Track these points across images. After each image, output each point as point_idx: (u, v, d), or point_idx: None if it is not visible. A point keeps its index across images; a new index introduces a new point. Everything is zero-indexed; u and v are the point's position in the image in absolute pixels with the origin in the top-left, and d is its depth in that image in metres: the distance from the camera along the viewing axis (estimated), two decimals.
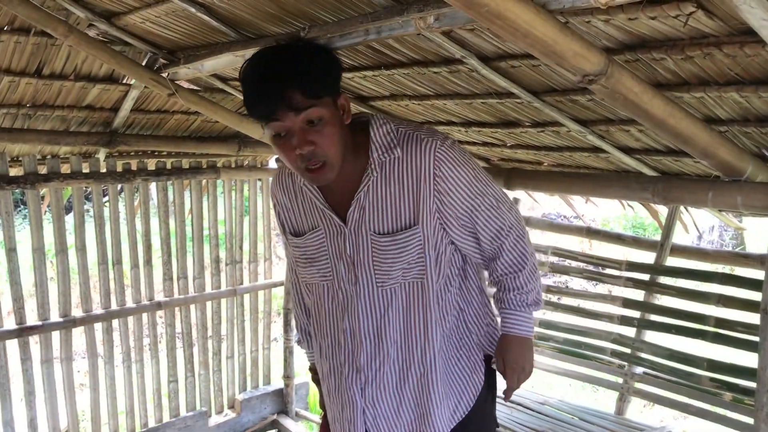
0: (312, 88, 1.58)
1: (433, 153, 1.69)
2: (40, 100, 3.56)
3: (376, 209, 1.75)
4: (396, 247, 1.76)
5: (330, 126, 1.62)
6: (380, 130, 1.74)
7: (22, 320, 3.62)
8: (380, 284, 1.80)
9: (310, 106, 1.58)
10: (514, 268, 1.86)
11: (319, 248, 1.86)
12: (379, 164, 1.73)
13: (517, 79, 2.36)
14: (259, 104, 1.61)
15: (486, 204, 1.78)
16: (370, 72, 2.71)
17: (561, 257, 3.88)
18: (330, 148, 1.63)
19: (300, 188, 1.88)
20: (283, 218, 1.96)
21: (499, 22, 1.45)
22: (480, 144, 3.41)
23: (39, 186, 3.59)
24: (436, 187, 1.70)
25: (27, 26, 3.09)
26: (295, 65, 1.59)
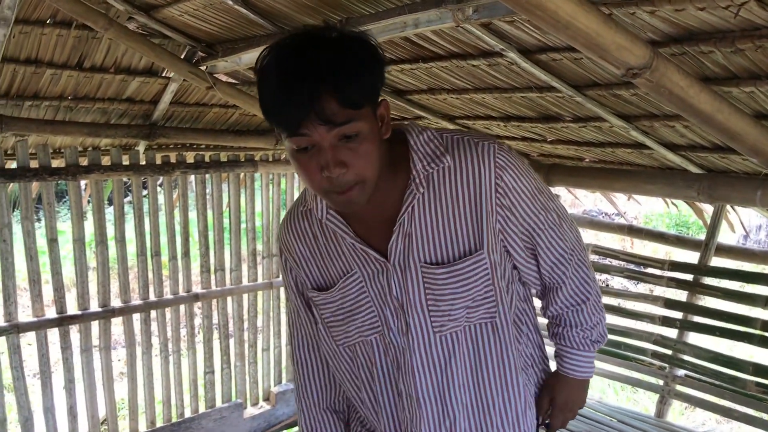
0: (352, 94, 1.19)
1: (493, 159, 1.35)
2: (81, 93, 3.61)
3: (426, 234, 1.39)
4: (456, 279, 1.39)
5: (368, 143, 1.23)
6: (421, 137, 1.38)
7: (62, 310, 3.67)
8: (438, 330, 1.41)
9: (348, 120, 1.19)
10: (577, 299, 1.53)
11: (358, 296, 1.45)
12: (425, 177, 1.37)
13: (558, 73, 2.30)
14: (280, 111, 1.21)
15: (549, 221, 1.45)
16: (407, 65, 2.68)
17: (601, 255, 3.80)
18: (366, 170, 1.25)
19: (320, 227, 1.48)
20: (298, 274, 1.55)
21: (540, 13, 1.40)
22: (519, 139, 3.36)
23: (80, 177, 3.62)
24: (499, 201, 1.36)
25: (68, 19, 3.13)
26: (333, 62, 1.17)
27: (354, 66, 1.19)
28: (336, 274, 1.47)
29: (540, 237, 1.44)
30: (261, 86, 1.24)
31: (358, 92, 1.19)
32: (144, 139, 3.95)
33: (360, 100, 1.20)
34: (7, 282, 3.47)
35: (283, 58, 1.20)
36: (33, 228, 3.54)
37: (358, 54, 1.21)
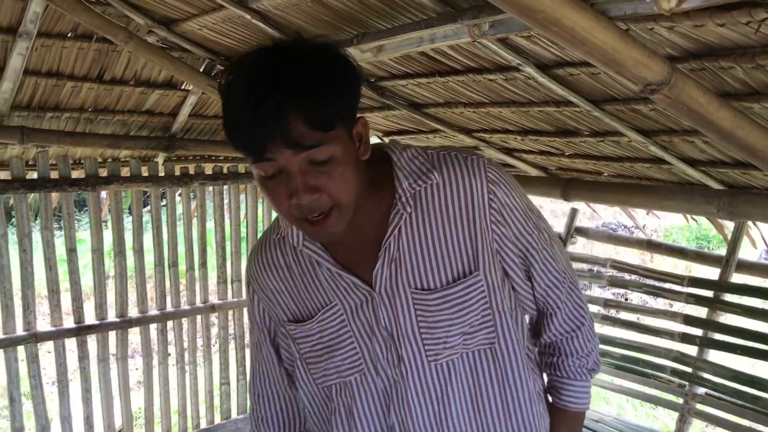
0: (322, 114, 1.07)
1: (485, 173, 1.25)
2: (102, 105, 3.66)
3: (416, 257, 1.26)
4: (451, 305, 1.27)
5: (342, 166, 1.12)
6: (404, 154, 1.28)
7: (80, 319, 3.70)
8: (433, 359, 1.29)
9: (318, 144, 1.07)
10: (572, 326, 1.42)
11: (339, 331, 1.31)
12: (412, 196, 1.26)
13: (576, 88, 2.29)
14: (243, 134, 1.08)
15: (542, 240, 1.35)
16: (424, 79, 2.67)
17: (620, 270, 3.76)
18: (341, 196, 1.13)
19: (295, 257, 1.34)
20: (267, 308, 1.41)
21: (556, 29, 1.39)
22: (537, 152, 3.34)
23: (99, 188, 3.66)
24: (494, 217, 1.26)
25: (89, 33, 3.18)
26: (301, 79, 1.06)
27: (325, 82, 1.08)
28: (314, 307, 1.33)
29: (534, 258, 1.34)
30: (224, 106, 1.11)
31: (329, 112, 1.08)
32: (163, 150, 3.99)
33: (332, 120, 1.08)
34: (27, 291, 3.50)
35: (246, 76, 1.08)
36: (53, 238, 3.57)
37: (331, 69, 1.11)
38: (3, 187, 3.32)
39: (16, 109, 3.41)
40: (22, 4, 2.98)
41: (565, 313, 1.41)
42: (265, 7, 2.43)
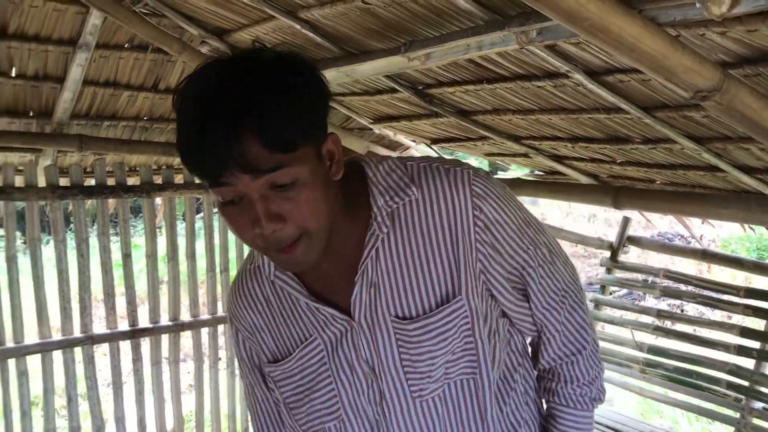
0: (281, 135, 0.95)
1: (469, 187, 1.13)
2: (156, 114, 3.76)
3: (395, 282, 1.15)
4: (433, 334, 1.15)
5: (308, 189, 1.00)
6: (380, 168, 1.17)
7: (134, 323, 3.80)
8: (417, 395, 1.17)
9: (277, 167, 0.95)
10: (572, 349, 1.29)
11: (318, 369, 1.21)
12: (389, 214, 1.14)
13: (626, 94, 2.26)
14: (194, 157, 0.97)
15: (540, 257, 1.22)
16: (471, 86, 2.67)
17: (674, 281, 3.68)
18: (309, 222, 1.02)
19: (272, 288, 1.24)
20: (252, 346, 1.30)
21: (603, 36, 1.38)
22: (588, 160, 3.30)
23: (154, 195, 3.76)
24: (478, 236, 1.14)
25: (145, 44, 3.27)
26: (256, 94, 0.95)
27: (284, 98, 0.96)
28: (293, 343, 1.22)
29: (530, 274, 1.22)
30: (177, 121, 0.99)
31: (289, 131, 0.95)
32: None
33: (292, 140, 0.96)
34: (84, 295, 3.61)
35: (197, 92, 0.96)
36: (109, 243, 3.67)
37: (291, 83, 0.98)
38: (62, 194, 3.44)
39: (75, 117, 3.53)
40: (81, 17, 3.10)
41: (564, 335, 1.28)
42: (315, 17, 2.47)
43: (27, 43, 3.14)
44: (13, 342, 3.42)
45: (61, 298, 3.56)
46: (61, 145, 3.52)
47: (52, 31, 3.16)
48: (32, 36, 3.14)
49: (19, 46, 3.14)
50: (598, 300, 4.08)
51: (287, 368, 1.23)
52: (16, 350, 3.43)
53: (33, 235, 3.46)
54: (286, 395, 1.25)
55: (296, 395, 1.23)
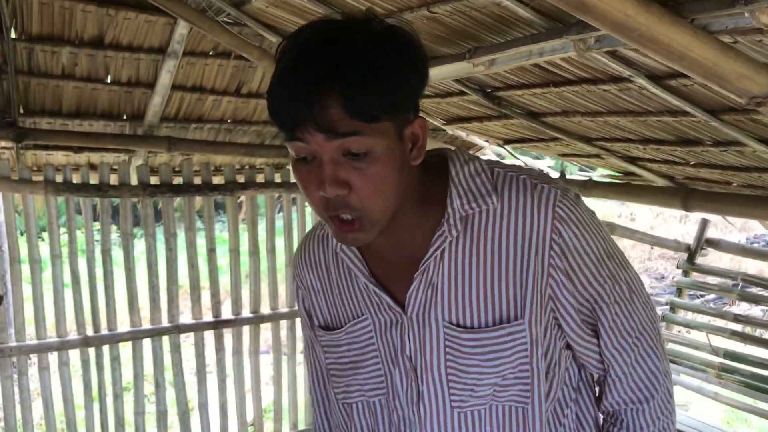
0: (365, 102, 0.93)
1: (552, 207, 1.07)
2: (239, 116, 3.97)
3: (455, 288, 1.10)
4: (485, 351, 1.10)
5: (381, 165, 0.97)
6: (466, 168, 1.11)
7: (218, 314, 4.00)
8: (457, 405, 1.13)
9: (354, 132, 0.94)
10: (639, 396, 1.18)
11: (365, 347, 1.19)
12: (462, 219, 1.09)
13: (690, 98, 2.25)
14: (276, 109, 0.97)
15: (617, 293, 1.13)
16: (539, 89, 2.71)
17: (753, 285, 3.60)
18: (373, 199, 0.99)
19: (334, 259, 1.22)
20: (309, 305, 1.29)
21: (652, 45, 1.42)
22: (661, 161, 3.27)
23: (237, 193, 3.95)
24: (552, 260, 1.07)
25: (228, 51, 3.46)
26: (347, 58, 0.94)
27: (379, 69, 0.94)
28: (345, 316, 1.21)
29: (603, 312, 1.13)
30: (273, 74, 1.00)
31: (373, 100, 0.94)
32: None
33: (375, 110, 0.94)
34: (171, 286, 3.84)
35: (299, 43, 0.97)
36: (195, 238, 3.89)
37: (391, 56, 0.96)
38: (152, 191, 3.67)
39: (164, 120, 3.76)
40: (170, 27, 3.32)
41: (632, 380, 1.17)
42: None
43: (121, 52, 3.39)
44: (107, 329, 3.69)
45: (150, 289, 3.80)
46: (152, 146, 3.76)
47: (143, 40, 3.39)
48: (125, 45, 3.39)
49: (113, 55, 3.39)
50: (674, 303, 4.03)
51: (336, 337, 1.22)
52: (110, 337, 3.69)
53: (126, 229, 3.71)
54: (330, 362, 1.24)
55: (340, 365, 1.22)
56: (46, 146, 3.63)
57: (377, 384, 1.18)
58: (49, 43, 3.24)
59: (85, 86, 3.47)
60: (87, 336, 3.64)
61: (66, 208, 3.62)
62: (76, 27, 3.23)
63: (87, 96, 3.53)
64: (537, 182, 1.09)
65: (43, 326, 3.57)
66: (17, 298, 3.51)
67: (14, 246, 3.49)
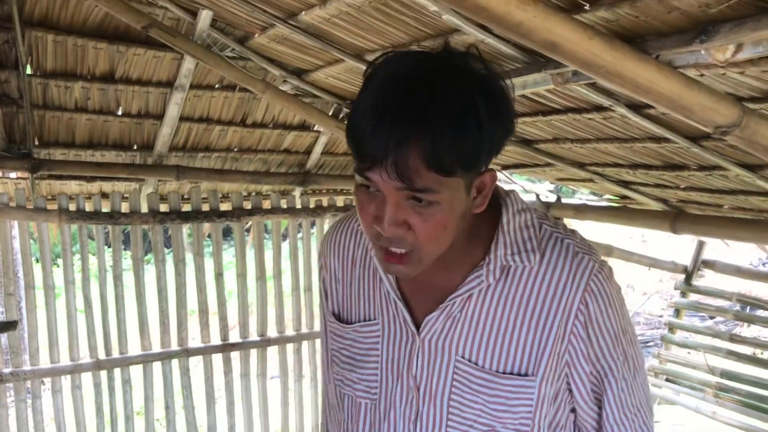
0: (448, 160, 0.91)
1: (588, 279, 1.09)
2: (245, 145, 4.10)
3: (476, 330, 1.11)
4: (493, 393, 1.11)
5: (443, 214, 0.97)
6: (517, 218, 1.11)
7: (225, 337, 4.10)
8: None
9: (428, 189, 0.93)
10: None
11: (368, 350, 1.20)
12: (502, 268, 1.10)
13: (670, 125, 2.36)
14: (356, 141, 0.95)
15: (625, 370, 1.15)
16: (528, 118, 2.82)
17: (747, 305, 3.66)
18: (428, 242, 1.00)
19: (363, 256, 1.23)
20: (329, 288, 1.30)
21: (619, 80, 1.51)
22: (653, 185, 3.36)
23: (244, 219, 4.07)
24: (575, 328, 1.10)
25: (233, 84, 3.60)
26: (442, 110, 0.90)
27: (464, 122, 0.91)
28: (358, 315, 1.22)
29: (611, 386, 1.15)
30: (357, 100, 0.98)
31: (454, 157, 0.91)
32: (299, 185, 4.37)
33: (453, 167, 0.92)
34: (181, 311, 3.95)
35: (388, 80, 0.94)
36: (203, 263, 4.01)
37: (478, 107, 0.92)
38: (162, 218, 3.80)
39: (173, 150, 3.89)
40: (177, 62, 3.47)
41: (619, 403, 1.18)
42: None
43: (131, 86, 3.53)
44: (119, 353, 3.80)
45: (160, 313, 3.91)
46: (161, 175, 3.89)
47: (152, 75, 3.54)
48: (135, 80, 3.53)
49: (124, 88, 3.53)
50: (672, 323, 4.09)
51: (344, 331, 1.24)
52: (121, 361, 3.80)
53: (136, 255, 3.83)
54: (333, 348, 1.28)
55: (341, 355, 1.25)
56: (60, 176, 3.76)
57: (369, 388, 1.20)
58: (63, 78, 3.38)
59: (97, 118, 3.61)
60: (99, 359, 3.75)
61: (79, 235, 3.75)
62: (89, 63, 3.38)
63: (99, 128, 3.66)
64: (579, 250, 1.11)
65: (56, 350, 3.68)
66: (32, 324, 3.63)
67: (29, 272, 3.61)
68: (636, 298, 9.87)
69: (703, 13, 1.49)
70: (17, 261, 4.24)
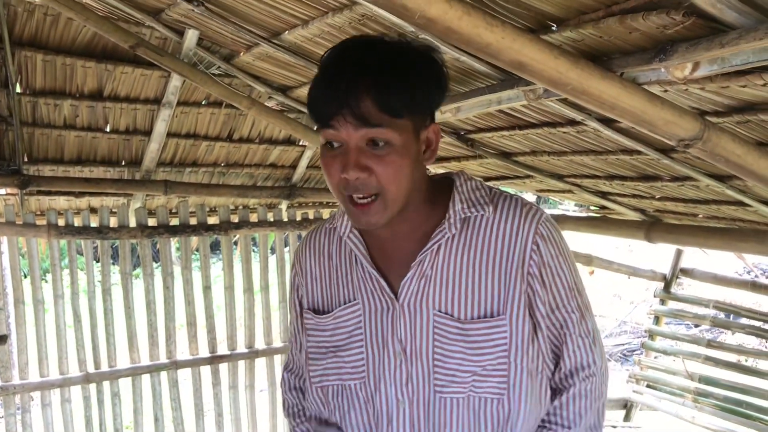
0: (392, 100, 1.12)
1: (536, 224, 1.24)
2: (232, 160, 4.18)
3: (447, 281, 1.24)
4: (470, 340, 1.22)
5: (397, 155, 1.14)
6: (467, 183, 1.29)
7: (214, 350, 4.15)
8: (439, 390, 1.24)
9: (378, 125, 1.12)
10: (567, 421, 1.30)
11: (351, 332, 1.30)
12: (461, 220, 1.25)
13: (641, 138, 2.44)
14: (317, 101, 1.16)
15: (582, 328, 1.29)
16: (506, 132, 2.91)
17: (724, 311, 3.76)
18: (389, 183, 1.14)
19: (338, 248, 1.35)
20: (303, 292, 1.41)
21: (584, 97, 1.59)
22: (630, 196, 3.45)
23: (231, 233, 4.13)
24: (531, 269, 1.23)
25: (219, 101, 3.68)
26: (381, 63, 1.13)
27: (404, 72, 1.14)
28: (337, 301, 1.33)
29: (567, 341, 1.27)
30: (314, 78, 1.20)
31: (399, 100, 1.12)
32: (285, 198, 4.44)
33: (400, 108, 1.13)
34: (169, 323, 3.99)
35: (338, 53, 1.17)
36: (191, 277, 4.05)
37: (415, 63, 1.16)
38: (150, 232, 3.85)
39: (160, 165, 3.96)
40: (164, 80, 3.54)
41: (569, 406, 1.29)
42: None
43: (119, 103, 3.60)
44: (108, 366, 3.84)
45: (149, 326, 3.95)
46: (149, 189, 3.95)
47: (139, 92, 3.62)
48: (123, 97, 3.60)
49: (112, 106, 3.60)
50: (652, 330, 4.18)
51: (323, 321, 1.34)
52: (110, 374, 3.84)
53: (125, 269, 3.88)
54: (311, 345, 1.36)
55: (320, 349, 1.34)
56: (49, 192, 3.81)
57: (356, 369, 1.29)
58: (52, 96, 3.45)
59: (85, 135, 3.67)
60: (88, 373, 3.79)
61: (68, 250, 3.79)
62: (77, 81, 3.45)
63: (87, 144, 3.73)
64: (526, 203, 1.28)
65: (46, 364, 3.71)
66: (21, 338, 3.66)
67: (18, 287, 3.65)
68: (623, 307, 9.95)
69: (661, 34, 1.57)
70: (6, 276, 4.28)
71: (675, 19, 1.44)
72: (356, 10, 2.17)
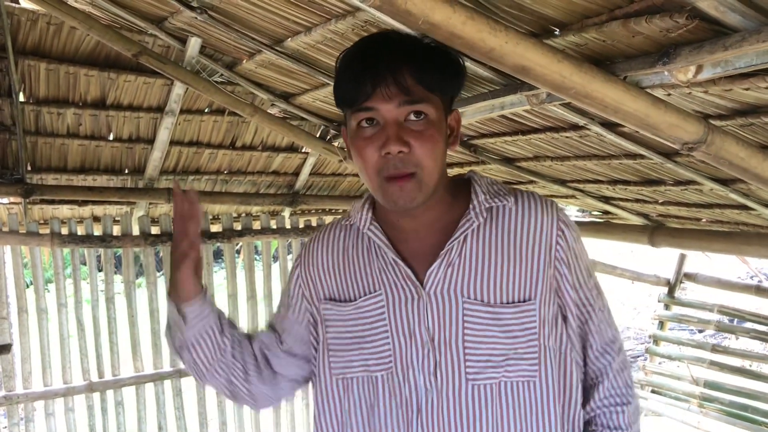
0: (430, 74, 1.18)
1: (557, 214, 1.28)
2: (235, 168, 4.18)
3: (474, 269, 1.24)
4: (501, 323, 1.23)
5: (434, 130, 1.18)
6: (485, 179, 1.32)
7: None
8: (473, 377, 1.22)
9: (421, 99, 1.17)
10: (618, 400, 1.32)
11: (375, 322, 1.28)
12: (486, 209, 1.27)
13: (644, 142, 2.44)
14: (353, 81, 1.18)
15: (600, 304, 1.33)
16: (509, 137, 2.91)
17: (728, 316, 3.75)
18: (427, 157, 1.18)
19: (355, 242, 1.34)
20: (312, 285, 1.37)
21: (588, 100, 1.59)
22: (633, 200, 3.45)
23: (234, 240, 4.13)
24: (558, 253, 1.26)
25: (222, 108, 3.68)
26: (415, 46, 1.21)
27: (435, 55, 1.21)
28: (357, 292, 1.31)
29: (592, 318, 1.31)
30: (339, 66, 1.22)
31: (433, 75, 1.18)
32: (288, 205, 4.44)
33: (434, 83, 1.18)
34: None
35: (362, 44, 1.22)
36: None
37: (441, 51, 1.23)
38: (153, 241, 3.85)
39: (163, 173, 3.96)
40: (167, 88, 3.55)
41: (614, 384, 1.32)
42: None
43: (122, 111, 3.60)
44: (111, 375, 3.83)
45: (153, 335, 3.95)
46: (152, 198, 3.95)
47: (142, 100, 3.62)
48: (126, 105, 3.61)
49: (115, 114, 3.60)
50: (656, 336, 4.17)
51: (344, 312, 1.32)
52: (113, 383, 3.84)
53: (128, 278, 3.88)
54: (331, 336, 1.33)
55: (342, 340, 1.32)
56: (53, 201, 3.82)
57: (382, 359, 1.27)
58: (55, 105, 3.46)
59: (89, 144, 3.67)
60: (92, 382, 3.78)
61: (71, 258, 3.80)
62: (80, 90, 3.46)
63: (91, 153, 3.73)
64: (543, 196, 1.33)
65: (49, 373, 3.71)
66: (24, 347, 3.66)
67: (21, 296, 3.65)
68: (627, 312, 9.93)
69: (664, 37, 1.57)
70: (9, 285, 4.28)
71: (678, 23, 1.44)
72: (359, 16, 2.18)
